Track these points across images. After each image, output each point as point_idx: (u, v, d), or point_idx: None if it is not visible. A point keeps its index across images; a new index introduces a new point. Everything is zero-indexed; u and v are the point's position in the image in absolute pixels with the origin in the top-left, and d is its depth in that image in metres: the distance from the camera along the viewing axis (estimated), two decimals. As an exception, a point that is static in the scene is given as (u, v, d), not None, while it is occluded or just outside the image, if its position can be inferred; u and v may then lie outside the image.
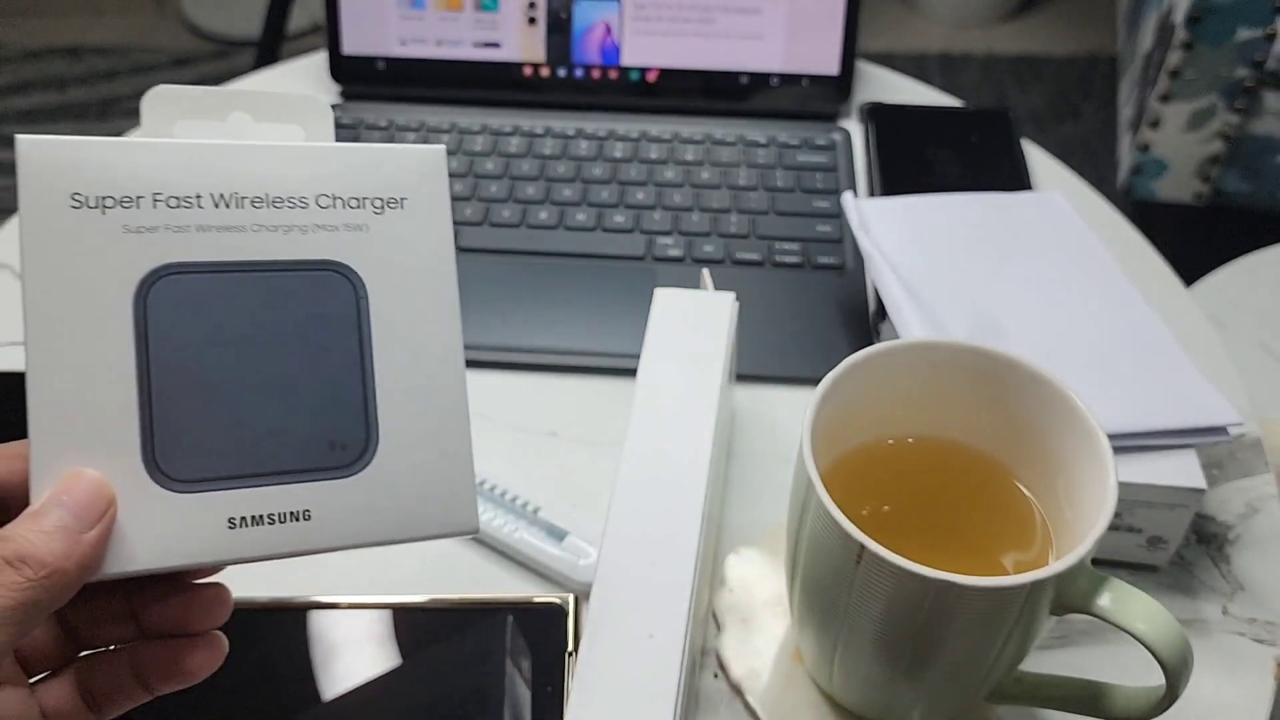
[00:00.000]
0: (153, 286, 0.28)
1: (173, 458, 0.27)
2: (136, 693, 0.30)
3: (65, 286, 0.27)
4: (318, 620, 0.43)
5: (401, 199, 0.30)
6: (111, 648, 0.30)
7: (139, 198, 0.28)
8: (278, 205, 0.29)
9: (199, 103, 0.30)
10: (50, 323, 0.27)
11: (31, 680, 0.29)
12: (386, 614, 0.43)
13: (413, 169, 0.31)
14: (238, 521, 0.27)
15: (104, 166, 0.27)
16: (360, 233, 0.30)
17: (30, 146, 0.27)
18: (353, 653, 0.42)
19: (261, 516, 0.28)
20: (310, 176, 0.29)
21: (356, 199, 0.30)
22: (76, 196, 0.27)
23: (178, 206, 0.28)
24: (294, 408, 0.28)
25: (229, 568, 0.29)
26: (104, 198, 0.27)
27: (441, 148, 0.31)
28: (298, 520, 0.28)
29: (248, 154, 0.29)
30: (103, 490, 0.27)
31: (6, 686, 0.28)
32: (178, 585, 0.29)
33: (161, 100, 0.30)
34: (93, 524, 0.26)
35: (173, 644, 0.29)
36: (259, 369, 0.28)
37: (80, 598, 0.27)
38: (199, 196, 0.28)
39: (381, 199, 0.30)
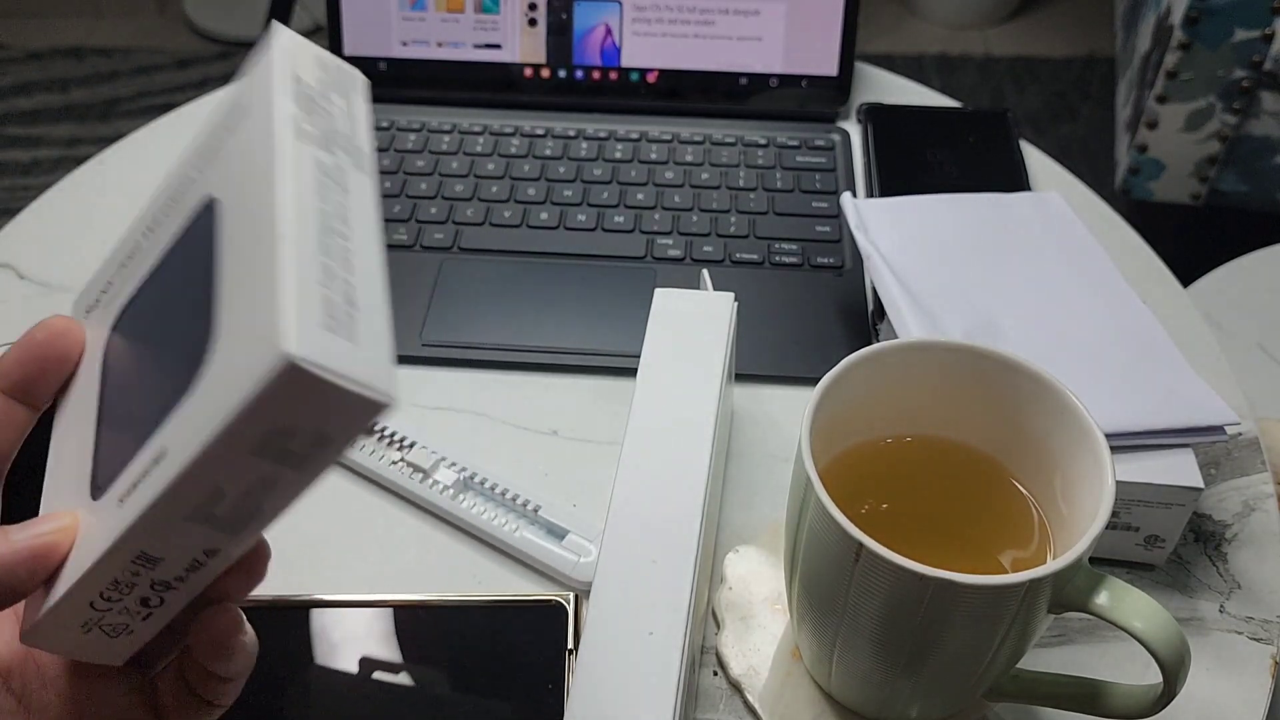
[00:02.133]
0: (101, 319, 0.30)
1: (102, 475, 0.28)
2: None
3: None
4: (319, 618, 0.43)
5: (248, 106, 0.28)
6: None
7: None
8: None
9: None
10: None
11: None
12: (388, 612, 0.43)
13: (255, 76, 0.28)
14: (125, 498, 0.26)
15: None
16: (215, 157, 0.28)
17: None
18: (354, 651, 0.42)
19: (137, 482, 0.26)
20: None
21: (215, 133, 0.28)
22: None
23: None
24: (163, 374, 0.27)
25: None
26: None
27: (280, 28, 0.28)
28: (157, 464, 0.25)
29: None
30: (58, 515, 0.28)
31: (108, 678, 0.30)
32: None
33: None
34: (31, 531, 0.27)
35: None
36: (153, 348, 0.28)
37: None
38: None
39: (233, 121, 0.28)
